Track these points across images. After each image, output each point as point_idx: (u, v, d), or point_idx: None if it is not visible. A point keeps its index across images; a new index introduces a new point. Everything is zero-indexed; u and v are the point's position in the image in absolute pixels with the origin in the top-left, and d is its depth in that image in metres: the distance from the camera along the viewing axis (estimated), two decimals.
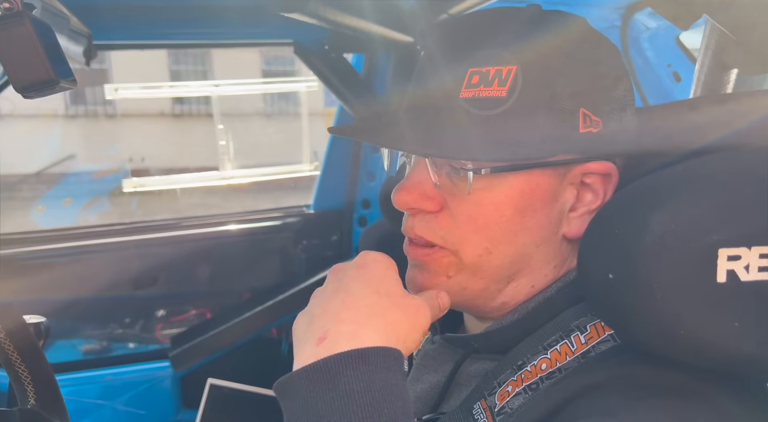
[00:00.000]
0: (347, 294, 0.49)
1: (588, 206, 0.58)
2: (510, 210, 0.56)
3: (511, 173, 0.55)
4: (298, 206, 1.95)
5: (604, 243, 0.42)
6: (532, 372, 0.56)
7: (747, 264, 0.38)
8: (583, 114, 0.54)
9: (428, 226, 0.59)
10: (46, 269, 1.63)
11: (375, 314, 0.48)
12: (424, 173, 0.59)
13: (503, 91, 0.53)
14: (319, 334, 0.46)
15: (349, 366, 0.43)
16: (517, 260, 0.58)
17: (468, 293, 0.60)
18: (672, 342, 0.40)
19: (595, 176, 0.58)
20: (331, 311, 0.48)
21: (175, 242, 1.76)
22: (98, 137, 10.81)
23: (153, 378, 1.69)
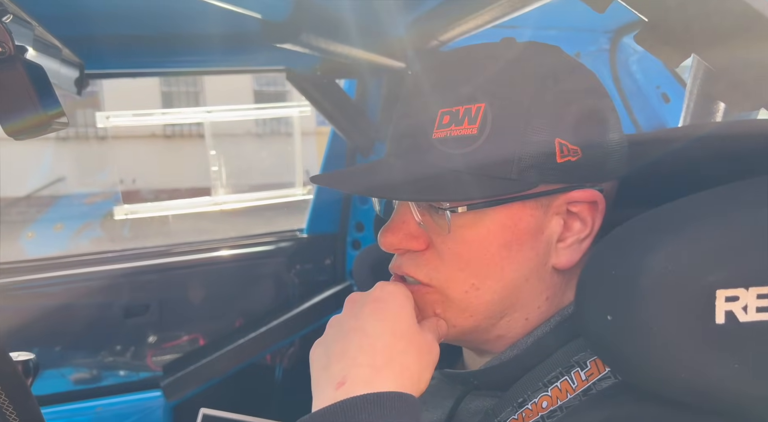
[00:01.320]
0: (364, 334, 0.51)
1: (577, 235, 0.58)
2: (494, 245, 0.56)
3: (490, 209, 0.55)
4: (291, 230, 1.94)
5: (601, 284, 0.42)
6: (533, 410, 0.56)
7: (745, 305, 0.38)
8: (558, 144, 0.54)
9: (415, 264, 0.59)
10: (36, 298, 1.60)
11: (391, 358, 0.50)
12: (408, 214, 0.59)
13: (474, 129, 0.53)
14: (338, 378, 0.48)
15: (365, 410, 0.45)
16: (507, 296, 0.58)
17: (458, 331, 0.60)
18: (672, 383, 0.40)
19: (581, 204, 0.57)
20: (350, 355, 0.50)
21: (167, 269, 1.74)
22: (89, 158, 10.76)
23: (145, 409, 1.65)
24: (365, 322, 0.52)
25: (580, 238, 0.58)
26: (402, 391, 0.48)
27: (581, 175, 0.56)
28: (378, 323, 0.52)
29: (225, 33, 1.24)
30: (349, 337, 0.51)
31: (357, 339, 0.51)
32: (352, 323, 0.53)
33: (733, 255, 0.39)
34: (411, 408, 0.47)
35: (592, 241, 0.58)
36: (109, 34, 1.20)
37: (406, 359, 0.50)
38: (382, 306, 0.54)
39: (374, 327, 0.52)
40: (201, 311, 1.76)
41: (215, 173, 2.12)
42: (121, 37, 1.23)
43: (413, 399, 0.47)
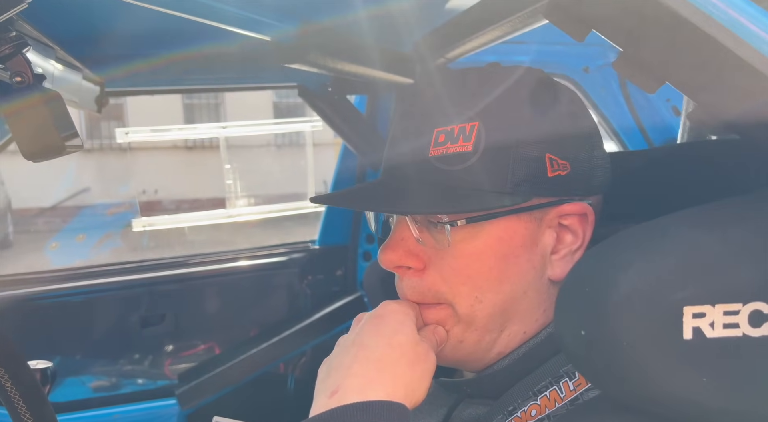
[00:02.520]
0: (361, 347, 0.54)
1: (569, 247, 0.60)
2: (492, 259, 0.58)
3: (487, 223, 0.58)
4: (304, 241, 1.97)
5: (576, 301, 0.43)
6: (522, 418, 0.58)
7: (712, 321, 0.40)
8: (549, 159, 0.57)
9: (418, 290, 0.61)
10: (57, 307, 1.65)
11: (384, 368, 0.51)
12: (406, 231, 0.61)
13: (469, 146, 0.56)
14: (332, 387, 0.50)
15: (353, 417, 0.46)
16: (507, 308, 0.60)
17: (465, 347, 0.61)
18: (643, 396, 0.42)
19: (572, 217, 0.60)
20: (345, 365, 0.52)
21: (183, 280, 1.78)
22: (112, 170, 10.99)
23: (160, 417, 1.69)
24: (364, 336, 0.55)
25: (572, 250, 0.60)
26: (393, 400, 0.49)
27: (571, 188, 0.59)
28: (375, 336, 0.54)
29: (238, 54, 1.29)
30: (349, 351, 0.54)
31: (354, 351, 0.53)
32: (352, 338, 0.56)
33: (700, 273, 0.40)
34: (399, 416, 0.48)
35: (583, 252, 0.60)
36: (128, 55, 1.26)
37: (398, 369, 0.52)
38: (380, 322, 0.56)
39: (371, 340, 0.54)
40: (215, 321, 1.80)
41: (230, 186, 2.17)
42: (139, 57, 1.29)
43: (403, 407, 0.49)
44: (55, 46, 0.91)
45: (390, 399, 0.49)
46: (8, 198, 7.94)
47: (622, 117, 1.81)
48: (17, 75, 0.49)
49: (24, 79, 0.49)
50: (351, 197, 0.67)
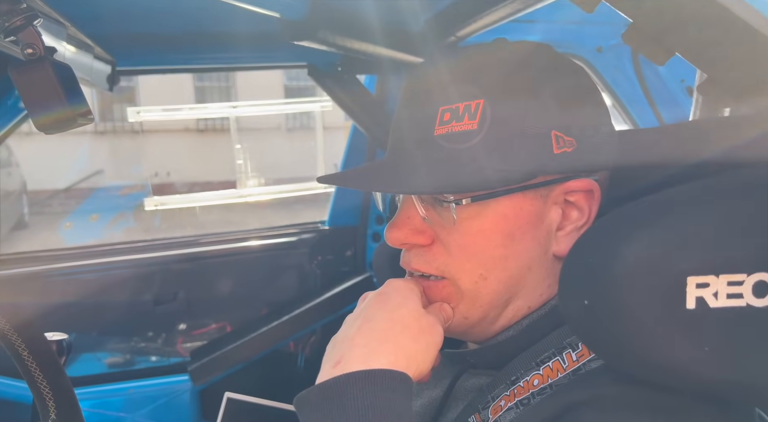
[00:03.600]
0: (365, 321, 0.55)
1: (575, 223, 0.61)
2: (498, 236, 0.58)
3: (492, 200, 0.58)
4: (314, 222, 1.98)
5: (579, 271, 0.44)
6: (524, 387, 0.58)
7: (716, 291, 0.40)
8: (555, 136, 0.57)
9: (423, 259, 0.62)
10: (72, 285, 1.68)
11: (387, 339, 0.52)
12: (412, 209, 0.62)
13: (474, 125, 0.56)
14: (336, 358, 0.51)
15: (356, 385, 0.47)
16: (512, 284, 0.60)
17: (469, 322, 0.62)
18: (645, 365, 0.42)
19: (577, 193, 0.60)
20: (349, 337, 0.53)
21: (195, 259, 1.81)
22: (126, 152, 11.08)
23: (173, 392, 1.73)
24: (368, 311, 0.56)
25: (578, 226, 0.61)
26: (395, 369, 0.50)
27: (577, 165, 0.58)
28: (379, 311, 0.56)
29: (248, 31, 1.29)
30: (353, 325, 0.55)
31: (358, 324, 0.55)
32: (357, 313, 0.57)
33: (705, 244, 0.40)
34: (402, 384, 0.49)
35: (589, 228, 0.60)
36: (139, 33, 1.26)
37: (402, 340, 0.53)
38: (385, 298, 0.57)
39: (374, 314, 0.55)
40: (226, 300, 1.82)
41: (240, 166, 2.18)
42: (150, 35, 1.29)
43: (405, 377, 0.49)
44: (67, 23, 0.91)
45: (392, 368, 0.50)
46: (23, 180, 8.03)
47: (635, 98, 1.79)
48: (28, 47, 0.50)
49: (35, 50, 0.50)
50: (357, 176, 0.67)
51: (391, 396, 0.47)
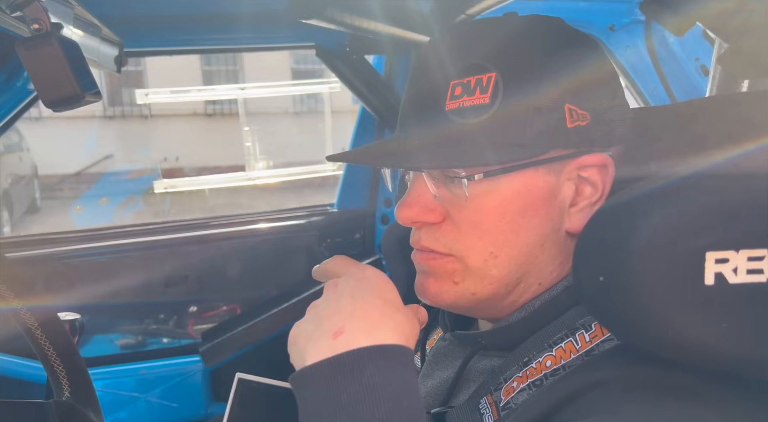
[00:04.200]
0: (355, 298, 0.50)
1: (588, 199, 0.60)
2: (510, 212, 0.57)
3: (505, 176, 0.57)
4: (322, 205, 1.98)
5: (595, 247, 0.43)
6: (537, 368, 0.58)
7: (735, 267, 0.39)
8: (568, 109, 0.56)
9: (433, 237, 0.61)
10: (84, 267, 1.70)
11: (385, 314, 0.50)
12: (423, 186, 0.61)
13: (486, 99, 0.55)
14: (334, 328, 0.47)
15: (371, 360, 0.44)
16: (523, 262, 0.60)
17: (478, 298, 0.61)
18: (661, 342, 0.41)
19: (591, 168, 0.59)
20: (345, 311, 0.49)
21: (205, 241, 1.81)
22: (134, 137, 11.11)
23: (184, 372, 1.75)
24: (354, 291, 0.51)
25: (591, 202, 0.60)
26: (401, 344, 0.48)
27: (591, 140, 0.57)
28: (367, 290, 0.51)
29: (255, 11, 1.27)
30: (340, 301, 0.50)
31: (348, 301, 0.50)
32: (338, 293, 0.52)
33: (725, 219, 0.39)
34: (411, 360, 0.48)
35: (604, 204, 0.59)
36: (146, 13, 1.25)
37: (398, 318, 0.50)
38: (366, 281, 0.53)
39: (363, 292, 0.51)
40: (236, 281, 1.83)
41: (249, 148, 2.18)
42: (157, 15, 1.28)
43: (411, 351, 0.48)
44: (74, 3, 0.91)
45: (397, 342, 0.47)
46: (34, 164, 8.08)
47: (648, 77, 1.76)
48: (35, 22, 0.49)
49: (41, 26, 0.49)
50: (366, 153, 0.66)
51: (405, 372, 0.46)
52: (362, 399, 0.42)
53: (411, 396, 0.45)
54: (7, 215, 6.39)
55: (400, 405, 0.43)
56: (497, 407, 0.58)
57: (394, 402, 0.43)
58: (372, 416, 0.41)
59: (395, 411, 0.42)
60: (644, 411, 0.44)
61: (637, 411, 0.44)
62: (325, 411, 0.43)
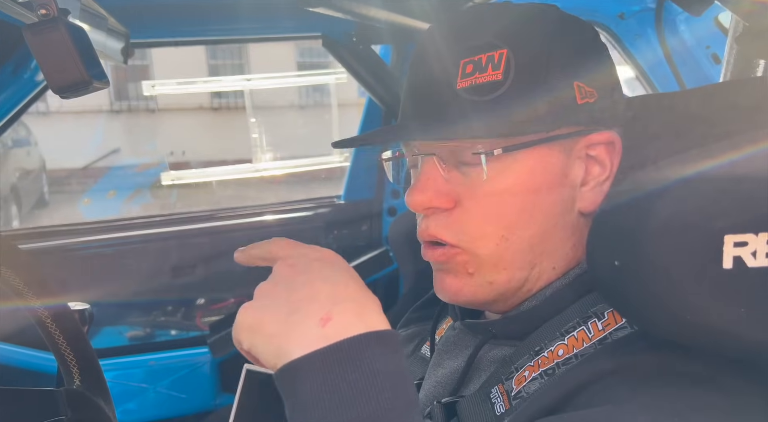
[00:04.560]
0: (329, 280, 0.46)
1: (597, 178, 0.60)
2: (524, 192, 0.57)
3: (520, 154, 0.57)
4: (329, 196, 1.98)
5: (609, 231, 0.42)
6: (549, 357, 0.57)
7: (754, 250, 0.38)
8: (577, 86, 0.57)
9: (442, 224, 0.60)
10: (93, 259, 1.71)
11: (367, 296, 0.46)
12: (434, 171, 0.60)
13: (498, 75, 0.55)
14: (318, 315, 0.43)
15: (369, 347, 0.42)
16: (537, 243, 0.59)
17: (495, 288, 0.61)
18: (678, 328, 0.41)
19: (599, 146, 0.59)
20: (323, 294, 0.45)
21: (212, 233, 1.82)
22: (141, 131, 11.15)
23: (193, 364, 1.75)
24: (321, 273, 0.47)
25: (600, 181, 0.60)
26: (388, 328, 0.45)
27: (598, 117, 0.58)
28: (337, 272, 0.48)
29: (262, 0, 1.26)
30: (314, 285, 0.46)
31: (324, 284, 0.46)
32: (304, 277, 0.47)
33: (743, 201, 0.38)
34: (401, 346, 0.46)
35: (611, 183, 0.60)
36: (153, 3, 1.25)
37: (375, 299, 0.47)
38: (330, 262, 0.49)
39: (335, 275, 0.47)
40: (243, 273, 1.83)
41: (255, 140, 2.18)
42: (164, 6, 1.28)
43: (401, 336, 0.48)
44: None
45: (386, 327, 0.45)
46: (42, 159, 8.12)
47: (658, 66, 1.74)
48: (42, 7, 0.49)
49: (49, 11, 0.49)
50: (374, 136, 0.66)
51: (399, 359, 0.44)
52: (364, 387, 0.40)
53: (408, 382, 0.43)
54: (16, 210, 6.42)
55: (399, 391, 0.42)
56: (509, 396, 0.58)
57: (395, 389, 0.41)
58: (376, 403, 0.40)
59: (398, 397, 0.41)
60: (658, 399, 0.43)
61: (650, 399, 0.43)
62: (324, 403, 0.40)
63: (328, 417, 0.40)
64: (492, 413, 0.58)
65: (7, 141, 6.38)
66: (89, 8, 1.04)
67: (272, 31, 1.55)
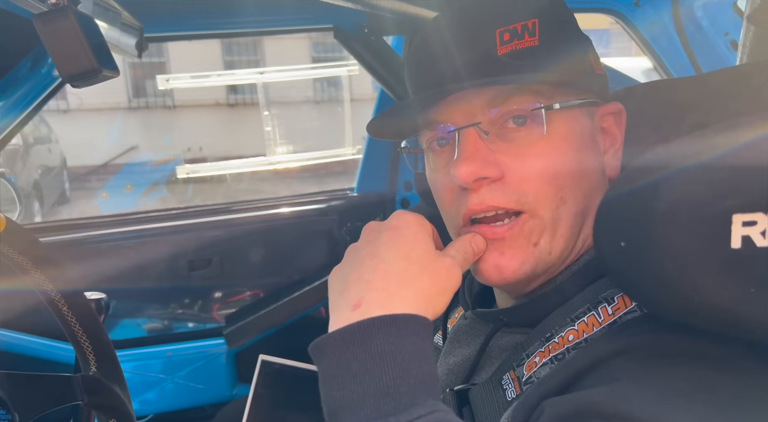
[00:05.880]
0: (380, 260, 0.51)
1: (613, 146, 0.64)
2: (572, 154, 0.59)
3: (561, 116, 0.59)
4: (342, 189, 1.99)
5: (616, 212, 0.42)
6: (559, 343, 0.57)
7: (764, 230, 0.37)
8: (592, 58, 0.62)
9: (500, 192, 0.58)
10: (111, 251, 1.73)
11: (405, 282, 0.50)
12: (477, 141, 0.59)
13: (536, 41, 0.58)
14: (354, 301, 0.48)
15: (381, 329, 0.45)
16: (586, 207, 0.61)
17: (552, 258, 0.60)
18: (685, 308, 0.40)
19: (608, 117, 0.63)
20: (365, 278, 0.50)
21: (228, 226, 1.83)
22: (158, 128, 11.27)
23: (209, 355, 1.78)
24: (380, 248, 0.52)
25: (615, 148, 0.64)
26: (416, 313, 0.48)
27: (606, 90, 0.64)
28: (393, 249, 0.52)
29: None
30: (365, 263, 0.51)
31: (372, 264, 0.51)
32: (368, 249, 0.53)
33: (752, 180, 0.38)
34: (424, 328, 0.48)
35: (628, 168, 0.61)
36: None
37: (420, 283, 0.50)
38: (397, 234, 0.53)
39: (388, 253, 0.51)
40: (258, 265, 1.85)
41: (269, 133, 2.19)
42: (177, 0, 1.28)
43: (427, 321, 0.48)
44: None
45: (413, 312, 0.48)
46: (63, 156, 8.24)
47: (674, 54, 1.71)
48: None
49: (58, 0, 0.50)
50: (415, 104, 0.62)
51: (416, 341, 0.46)
52: (371, 367, 0.44)
53: (422, 364, 0.45)
54: (38, 206, 6.54)
55: (408, 372, 0.44)
56: (519, 382, 0.58)
57: (403, 370, 0.44)
58: (380, 382, 0.43)
59: (403, 378, 0.43)
60: (664, 379, 0.43)
61: (657, 379, 0.43)
62: (339, 378, 0.44)
63: (342, 390, 0.44)
64: (504, 399, 0.58)
65: (28, 138, 6.49)
66: (103, 2, 1.05)
67: (284, 23, 1.55)
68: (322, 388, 0.46)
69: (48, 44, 0.49)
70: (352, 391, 0.43)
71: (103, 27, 1.05)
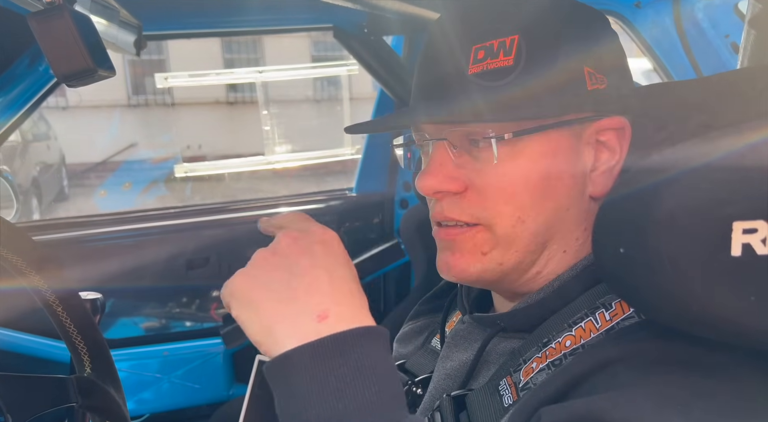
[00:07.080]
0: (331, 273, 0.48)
1: (607, 163, 0.60)
2: (536, 175, 0.57)
3: (531, 137, 0.57)
4: (341, 189, 1.98)
5: (615, 219, 0.41)
6: (556, 348, 0.57)
7: (764, 237, 0.37)
8: (587, 72, 0.57)
9: (457, 206, 0.60)
10: (108, 250, 1.73)
11: (361, 296, 0.50)
12: (444, 155, 0.60)
13: (510, 61, 0.56)
14: (317, 311, 0.46)
15: (358, 342, 0.44)
16: (550, 226, 0.59)
17: (504, 268, 0.61)
18: (684, 316, 0.40)
19: (609, 132, 0.60)
20: (323, 288, 0.47)
21: (226, 225, 1.83)
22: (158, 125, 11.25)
23: (206, 354, 1.77)
24: (324, 261, 0.49)
25: (610, 166, 0.60)
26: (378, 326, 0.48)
27: (608, 103, 0.59)
28: (338, 265, 0.49)
29: None
30: (312, 273, 0.48)
31: (325, 276, 0.48)
32: (308, 261, 0.49)
33: (753, 187, 0.37)
34: (387, 341, 0.48)
35: (621, 168, 0.60)
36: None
37: (363, 293, 0.50)
38: (331, 250, 0.50)
39: (336, 267, 0.49)
40: None
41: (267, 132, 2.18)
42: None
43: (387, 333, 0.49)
44: None
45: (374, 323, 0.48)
46: (62, 153, 8.23)
47: (676, 56, 1.70)
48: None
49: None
50: (386, 120, 0.66)
51: (387, 355, 0.46)
52: (351, 381, 0.42)
53: (395, 377, 0.45)
54: (36, 203, 6.53)
55: (386, 386, 0.44)
56: (516, 388, 0.58)
57: (382, 384, 0.43)
58: (362, 397, 0.42)
59: (384, 392, 0.43)
60: (662, 386, 0.43)
61: (655, 386, 0.43)
62: (312, 395, 0.42)
63: (317, 407, 0.42)
64: (500, 405, 0.58)
65: (27, 135, 6.47)
66: (101, 0, 1.05)
67: (283, 23, 1.55)
68: (286, 408, 0.43)
69: (42, 43, 0.49)
70: (332, 407, 0.41)
71: (101, 25, 1.05)
